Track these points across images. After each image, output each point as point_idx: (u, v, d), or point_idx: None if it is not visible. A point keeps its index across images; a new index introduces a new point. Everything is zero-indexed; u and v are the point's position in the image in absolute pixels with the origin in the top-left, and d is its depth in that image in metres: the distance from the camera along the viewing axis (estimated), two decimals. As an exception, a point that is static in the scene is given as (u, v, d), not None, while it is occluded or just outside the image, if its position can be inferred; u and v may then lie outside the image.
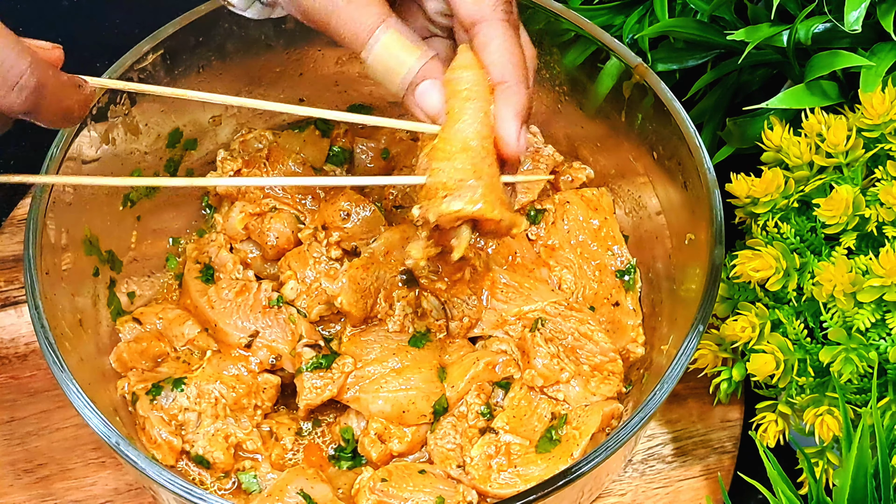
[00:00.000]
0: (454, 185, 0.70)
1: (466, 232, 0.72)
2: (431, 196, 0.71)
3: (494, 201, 0.71)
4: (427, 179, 0.71)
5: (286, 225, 0.95)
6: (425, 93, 0.72)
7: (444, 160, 0.71)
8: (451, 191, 0.70)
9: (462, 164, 0.70)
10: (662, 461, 0.92)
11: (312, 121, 1.02)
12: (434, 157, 0.72)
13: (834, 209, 0.79)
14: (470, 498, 0.83)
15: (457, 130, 0.71)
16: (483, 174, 0.71)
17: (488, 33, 0.72)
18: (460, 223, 0.72)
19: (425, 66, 0.72)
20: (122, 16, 1.20)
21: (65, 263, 0.85)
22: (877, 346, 0.77)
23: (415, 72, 0.72)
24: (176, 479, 0.73)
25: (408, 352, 0.88)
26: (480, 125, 0.71)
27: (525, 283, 0.92)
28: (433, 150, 0.72)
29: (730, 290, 0.87)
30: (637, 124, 0.92)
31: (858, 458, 0.72)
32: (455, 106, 0.72)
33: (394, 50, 0.71)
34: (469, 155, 0.71)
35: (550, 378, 0.87)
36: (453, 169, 0.70)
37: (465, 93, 0.72)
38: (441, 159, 0.71)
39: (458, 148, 0.71)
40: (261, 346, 0.90)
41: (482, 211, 0.70)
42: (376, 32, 0.71)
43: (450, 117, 0.72)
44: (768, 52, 0.89)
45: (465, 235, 0.72)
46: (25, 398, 0.95)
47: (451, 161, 0.71)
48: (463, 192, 0.70)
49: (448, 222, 0.71)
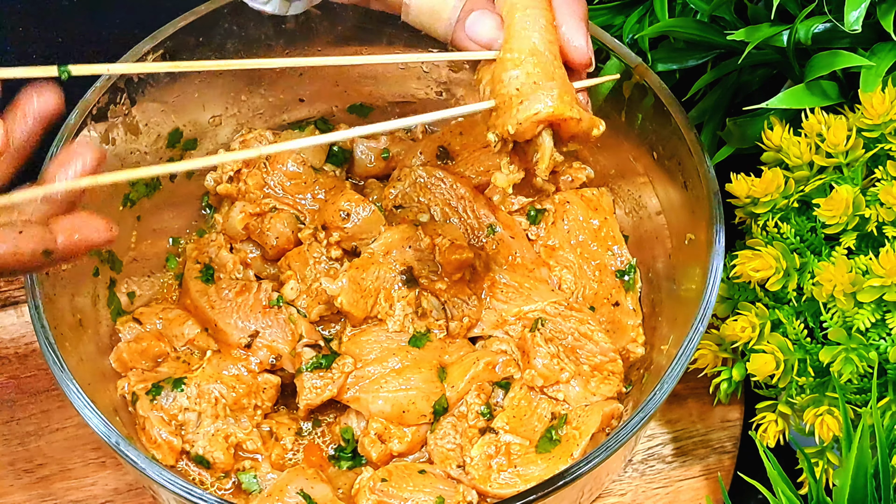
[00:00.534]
0: (528, 88, 0.68)
1: (548, 138, 0.70)
2: (506, 109, 0.69)
3: (571, 101, 0.69)
4: (498, 93, 0.69)
5: (286, 225, 0.95)
6: (476, 23, 0.71)
7: (513, 69, 0.69)
8: (526, 95, 0.68)
9: (533, 67, 0.69)
10: (662, 461, 0.92)
11: (312, 120, 1.02)
12: (502, 69, 0.70)
13: (834, 209, 0.79)
14: (470, 498, 0.83)
15: (521, 38, 0.70)
16: (555, 76, 0.69)
17: None
18: (540, 130, 0.70)
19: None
20: (122, 16, 1.20)
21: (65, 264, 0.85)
22: (877, 346, 0.77)
23: (460, 7, 0.70)
24: (176, 479, 0.73)
25: (408, 352, 0.88)
26: (544, 30, 0.70)
27: (525, 283, 0.92)
28: (498, 65, 0.70)
29: (730, 290, 0.87)
30: (637, 124, 0.92)
31: (858, 458, 0.72)
32: (514, 19, 0.70)
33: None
34: (538, 58, 0.69)
35: (550, 378, 0.87)
36: (525, 74, 0.69)
37: (519, 5, 0.70)
38: (509, 69, 0.69)
39: (526, 53, 0.69)
40: (261, 346, 0.90)
41: (561, 109, 0.68)
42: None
43: (510, 31, 0.70)
44: (768, 52, 0.89)
45: (547, 143, 0.70)
46: (25, 398, 0.95)
47: (521, 67, 0.69)
48: (538, 93, 0.68)
49: (528, 130, 0.69)
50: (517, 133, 0.69)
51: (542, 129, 0.70)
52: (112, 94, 0.88)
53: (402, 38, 0.95)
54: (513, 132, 0.69)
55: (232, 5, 0.92)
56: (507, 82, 0.70)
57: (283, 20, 0.95)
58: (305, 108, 1.03)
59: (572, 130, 0.70)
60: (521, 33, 0.70)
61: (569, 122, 0.69)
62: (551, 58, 0.70)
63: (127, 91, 0.89)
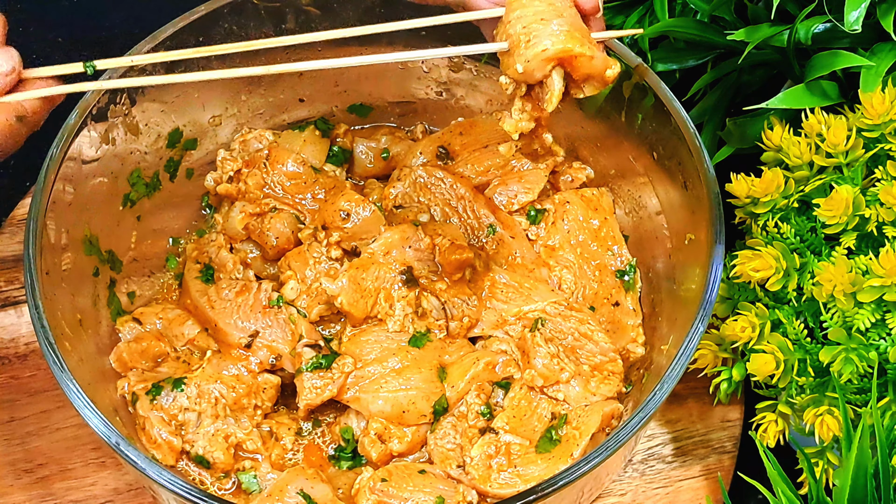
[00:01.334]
0: (536, 25, 0.66)
1: (558, 78, 0.68)
2: (515, 48, 0.67)
3: (582, 38, 0.67)
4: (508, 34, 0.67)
5: (286, 225, 0.95)
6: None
7: (520, 7, 0.67)
8: (534, 33, 0.66)
9: (541, 4, 0.67)
10: (662, 461, 0.92)
11: (312, 120, 1.02)
12: (510, 9, 0.68)
13: (834, 209, 0.79)
14: (470, 498, 0.83)
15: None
16: (565, 13, 0.67)
17: None
18: (550, 69, 0.67)
19: None
20: (122, 16, 1.20)
21: (65, 263, 0.85)
22: (877, 346, 0.77)
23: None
24: (176, 479, 0.73)
25: (408, 352, 0.88)
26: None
27: (525, 283, 0.92)
28: (508, 6, 0.68)
29: (730, 290, 0.87)
30: (637, 124, 0.92)
31: (858, 458, 0.72)
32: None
33: None
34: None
35: (550, 378, 0.87)
36: (532, 12, 0.67)
37: None
38: (516, 8, 0.68)
39: None
40: (261, 346, 0.90)
41: (571, 46, 0.66)
42: None
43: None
44: (768, 52, 0.89)
45: (556, 82, 0.68)
46: (25, 398, 0.95)
47: (529, 6, 0.67)
48: (547, 29, 0.66)
49: (538, 68, 0.67)
50: (526, 72, 0.67)
51: (552, 67, 0.67)
52: (112, 93, 0.88)
53: (402, 38, 0.95)
54: (521, 71, 0.67)
55: (232, 5, 0.92)
56: (514, 21, 0.68)
57: (284, 20, 0.95)
58: (305, 108, 1.03)
59: (585, 70, 0.68)
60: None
61: (580, 60, 0.67)
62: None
63: (127, 91, 0.89)
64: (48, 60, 0.71)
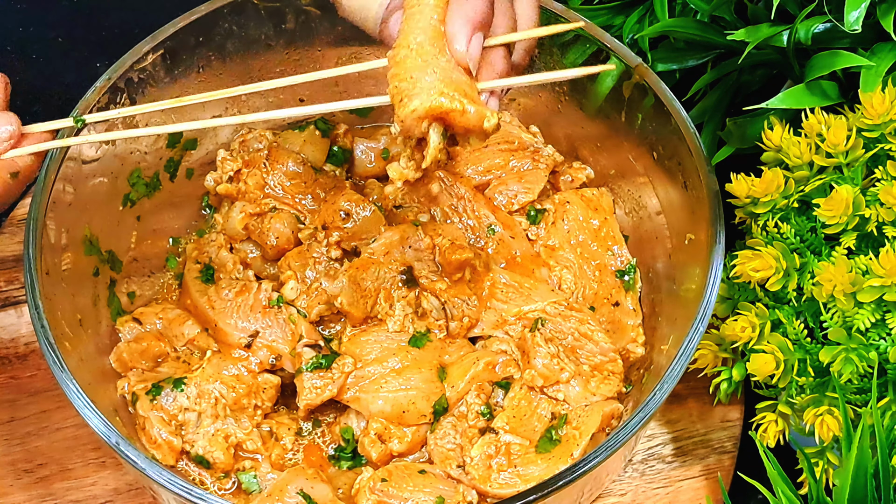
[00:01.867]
0: (408, 84, 0.67)
1: (434, 135, 0.68)
2: (394, 105, 0.67)
3: (453, 92, 0.66)
4: (389, 90, 0.68)
5: (286, 225, 0.95)
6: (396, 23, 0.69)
7: (394, 66, 0.68)
8: (406, 92, 0.67)
9: (412, 62, 0.67)
10: (662, 461, 0.92)
11: (312, 121, 1.02)
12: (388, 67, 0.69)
13: (834, 209, 0.79)
14: (470, 498, 0.83)
15: (406, 34, 0.68)
16: (438, 68, 0.67)
17: None
18: (427, 125, 0.67)
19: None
20: (122, 16, 1.20)
21: (65, 263, 0.85)
22: (877, 346, 0.77)
23: (385, 6, 0.69)
24: (176, 479, 0.73)
25: (408, 352, 0.88)
26: (426, 25, 0.68)
27: (525, 283, 0.92)
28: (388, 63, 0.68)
29: (730, 290, 0.87)
30: (637, 124, 0.92)
31: (858, 458, 0.72)
32: (405, 16, 0.69)
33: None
34: (418, 53, 0.67)
35: (550, 378, 0.87)
36: (404, 70, 0.67)
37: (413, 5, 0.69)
38: (392, 67, 0.68)
39: (406, 51, 0.68)
40: (261, 346, 0.90)
41: (440, 103, 0.66)
42: None
43: (399, 32, 0.69)
44: (768, 52, 0.89)
45: (433, 139, 0.68)
46: (25, 398, 0.95)
47: (402, 64, 0.68)
48: (417, 87, 0.67)
49: (413, 126, 0.67)
50: (403, 130, 0.67)
51: (427, 124, 0.67)
52: (112, 94, 0.88)
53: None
54: (399, 129, 0.68)
55: (232, 5, 0.92)
56: (391, 78, 0.68)
57: (284, 20, 0.95)
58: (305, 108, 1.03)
59: (461, 124, 0.68)
60: (407, 29, 0.69)
61: (452, 115, 0.67)
62: (435, 51, 0.68)
63: (127, 91, 0.89)
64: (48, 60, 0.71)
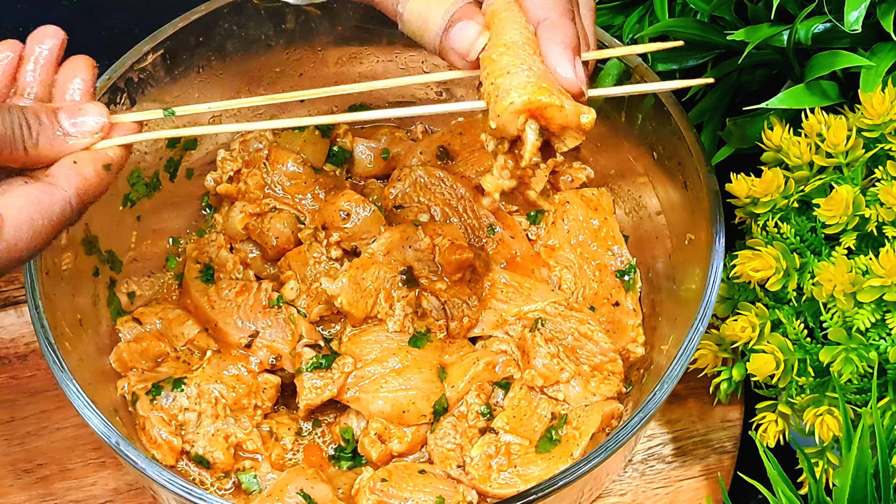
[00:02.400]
0: (503, 80, 0.67)
1: (531, 131, 0.67)
2: (488, 105, 0.67)
3: (551, 88, 0.66)
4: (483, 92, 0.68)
5: (286, 225, 0.95)
6: (458, 31, 0.69)
7: (490, 65, 0.68)
8: (503, 87, 0.67)
9: (507, 59, 0.67)
10: (662, 461, 0.92)
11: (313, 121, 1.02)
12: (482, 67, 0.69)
13: (834, 209, 0.79)
14: (470, 498, 0.83)
15: (499, 35, 0.68)
16: (535, 66, 0.67)
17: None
18: (523, 122, 0.67)
19: (460, 9, 0.69)
20: (122, 16, 1.20)
21: (65, 263, 0.85)
22: (877, 346, 0.77)
23: (448, 16, 0.69)
24: (176, 479, 0.73)
25: (408, 352, 0.88)
26: (521, 27, 0.68)
27: (525, 283, 0.92)
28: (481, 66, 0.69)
29: (730, 290, 0.87)
30: (637, 124, 0.92)
31: (858, 458, 0.72)
32: (493, 23, 0.69)
33: (427, 1, 0.69)
34: (513, 51, 0.68)
35: (550, 378, 0.87)
36: (499, 67, 0.67)
37: (501, 5, 0.69)
38: (487, 66, 0.68)
39: (501, 49, 0.68)
40: (261, 346, 0.90)
41: (537, 97, 0.65)
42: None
43: (491, 35, 0.69)
44: (768, 52, 0.89)
45: (529, 135, 0.67)
46: (25, 398, 0.95)
47: (497, 62, 0.68)
48: (514, 81, 0.66)
49: (509, 122, 0.66)
50: (498, 128, 0.67)
51: (524, 121, 0.67)
52: (112, 94, 0.88)
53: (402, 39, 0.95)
54: (494, 127, 0.67)
55: (232, 5, 0.92)
56: (485, 78, 0.68)
57: (284, 20, 0.95)
58: (305, 109, 1.03)
59: (558, 120, 0.67)
60: (500, 31, 0.69)
61: (550, 110, 0.66)
62: (530, 51, 0.68)
63: (127, 91, 0.89)
64: (48, 60, 0.71)
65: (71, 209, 0.66)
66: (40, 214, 0.65)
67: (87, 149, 0.69)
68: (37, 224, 0.65)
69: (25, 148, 0.66)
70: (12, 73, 0.70)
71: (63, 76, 0.71)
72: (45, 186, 0.66)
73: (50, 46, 0.71)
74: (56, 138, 0.68)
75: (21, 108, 0.67)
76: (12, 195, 0.65)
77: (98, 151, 0.69)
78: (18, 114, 0.66)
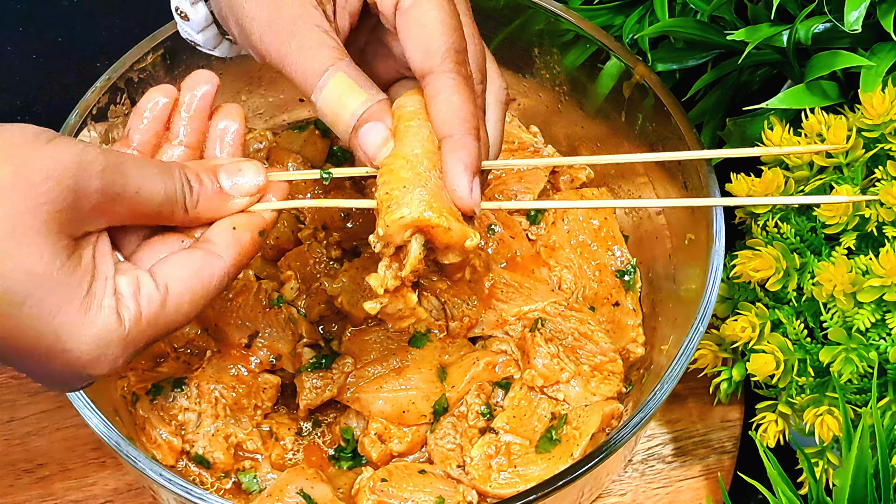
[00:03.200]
0: (401, 193, 0.68)
1: (416, 245, 0.69)
2: (379, 211, 0.69)
3: (441, 209, 0.68)
4: (377, 196, 0.70)
5: (286, 225, 0.95)
6: (365, 134, 0.70)
7: (387, 174, 0.69)
8: (395, 199, 0.68)
9: (406, 173, 0.69)
10: (662, 461, 0.92)
11: (312, 120, 1.02)
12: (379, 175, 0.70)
13: (834, 209, 0.79)
14: (470, 498, 0.83)
15: (400, 146, 0.70)
16: (429, 184, 0.69)
17: (435, 86, 0.69)
18: (409, 234, 0.69)
19: (370, 108, 0.69)
20: (122, 16, 1.20)
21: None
22: (877, 346, 0.77)
23: (358, 115, 0.69)
24: (176, 479, 0.73)
25: (408, 352, 0.88)
26: (424, 140, 0.70)
27: (525, 283, 0.92)
28: (378, 171, 0.70)
29: (730, 290, 0.87)
30: (637, 124, 0.92)
31: (858, 458, 0.72)
32: (399, 128, 0.70)
33: (341, 94, 0.69)
34: (412, 165, 0.69)
35: (550, 378, 0.87)
36: (396, 178, 0.69)
37: (407, 114, 0.71)
38: (384, 175, 0.70)
39: (401, 162, 0.69)
40: (261, 346, 0.90)
41: (427, 216, 0.68)
42: (324, 76, 0.69)
43: (395, 140, 0.70)
44: (768, 52, 0.89)
45: (413, 248, 0.69)
46: (25, 398, 0.95)
47: (396, 173, 0.69)
48: (407, 197, 0.68)
49: (396, 233, 0.68)
50: (386, 235, 0.68)
51: (410, 233, 0.69)
52: (112, 94, 0.88)
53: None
54: (381, 234, 0.68)
55: (232, 5, 0.92)
56: (381, 185, 0.69)
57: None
58: (305, 108, 1.03)
59: (443, 239, 0.69)
60: (403, 142, 0.70)
61: (437, 230, 0.68)
62: (429, 166, 0.69)
63: (127, 91, 0.89)
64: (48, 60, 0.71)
65: (228, 279, 0.66)
66: (201, 286, 0.64)
67: (244, 210, 0.69)
68: (197, 296, 0.64)
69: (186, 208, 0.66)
70: (165, 119, 0.70)
71: (215, 125, 0.71)
72: (206, 256, 0.65)
73: (203, 93, 0.71)
74: (215, 198, 0.68)
75: (182, 167, 0.66)
76: (175, 265, 0.64)
77: (255, 216, 0.69)
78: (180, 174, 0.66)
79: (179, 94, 0.70)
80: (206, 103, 0.71)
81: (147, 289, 0.63)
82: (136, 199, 0.63)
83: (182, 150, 0.70)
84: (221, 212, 0.68)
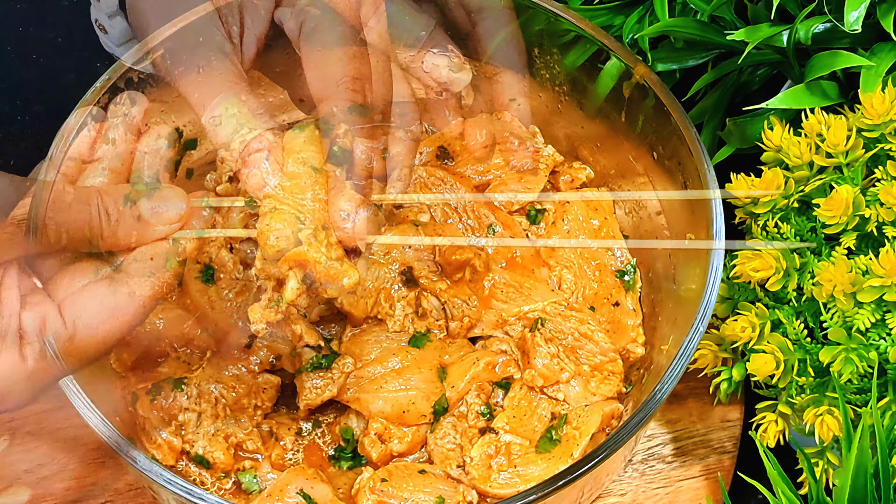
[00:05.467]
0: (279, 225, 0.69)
1: (293, 280, 0.69)
2: (259, 241, 0.69)
3: (319, 245, 0.69)
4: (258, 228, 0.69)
5: (286, 225, 0.95)
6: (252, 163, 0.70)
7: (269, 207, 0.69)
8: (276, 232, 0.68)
9: (288, 206, 0.69)
10: (662, 461, 0.92)
11: (312, 121, 1.02)
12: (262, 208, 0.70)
13: (834, 209, 0.79)
14: (470, 498, 0.83)
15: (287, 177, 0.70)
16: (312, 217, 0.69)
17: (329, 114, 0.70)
18: (287, 269, 0.69)
19: (259, 137, 0.70)
20: (122, 16, 1.20)
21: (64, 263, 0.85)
22: (877, 346, 0.77)
23: (246, 143, 0.70)
24: (176, 479, 0.73)
25: (408, 352, 0.88)
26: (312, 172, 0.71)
27: (525, 283, 0.92)
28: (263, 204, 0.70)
29: (730, 290, 0.87)
30: (637, 124, 0.92)
31: (858, 458, 0.72)
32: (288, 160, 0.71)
33: (230, 120, 0.69)
34: (296, 199, 0.69)
35: (550, 378, 0.87)
36: (278, 211, 0.69)
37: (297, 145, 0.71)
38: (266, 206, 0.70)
39: (286, 192, 0.69)
40: (261, 346, 0.90)
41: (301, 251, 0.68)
42: (215, 101, 0.69)
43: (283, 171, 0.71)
44: (768, 52, 0.89)
45: (291, 282, 0.69)
46: (25, 398, 0.95)
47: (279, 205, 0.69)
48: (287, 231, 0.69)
49: (273, 267, 0.68)
50: (264, 268, 0.69)
51: (288, 268, 0.68)
52: (112, 94, 0.88)
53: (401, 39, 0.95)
54: (259, 267, 0.68)
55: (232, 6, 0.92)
56: (263, 214, 0.70)
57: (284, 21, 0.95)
58: (305, 109, 1.03)
59: (321, 274, 0.69)
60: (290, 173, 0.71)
61: (314, 266, 0.69)
62: (314, 198, 0.70)
63: (127, 91, 0.89)
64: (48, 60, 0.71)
65: (144, 311, 0.65)
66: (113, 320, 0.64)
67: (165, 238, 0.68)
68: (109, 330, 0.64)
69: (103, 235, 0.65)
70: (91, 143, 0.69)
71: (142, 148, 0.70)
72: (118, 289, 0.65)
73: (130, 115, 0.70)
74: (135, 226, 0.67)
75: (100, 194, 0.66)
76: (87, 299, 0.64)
77: (174, 246, 0.68)
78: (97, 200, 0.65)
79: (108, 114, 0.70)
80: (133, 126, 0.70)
81: (54, 325, 0.62)
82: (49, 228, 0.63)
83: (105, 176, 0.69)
84: (142, 239, 0.67)
